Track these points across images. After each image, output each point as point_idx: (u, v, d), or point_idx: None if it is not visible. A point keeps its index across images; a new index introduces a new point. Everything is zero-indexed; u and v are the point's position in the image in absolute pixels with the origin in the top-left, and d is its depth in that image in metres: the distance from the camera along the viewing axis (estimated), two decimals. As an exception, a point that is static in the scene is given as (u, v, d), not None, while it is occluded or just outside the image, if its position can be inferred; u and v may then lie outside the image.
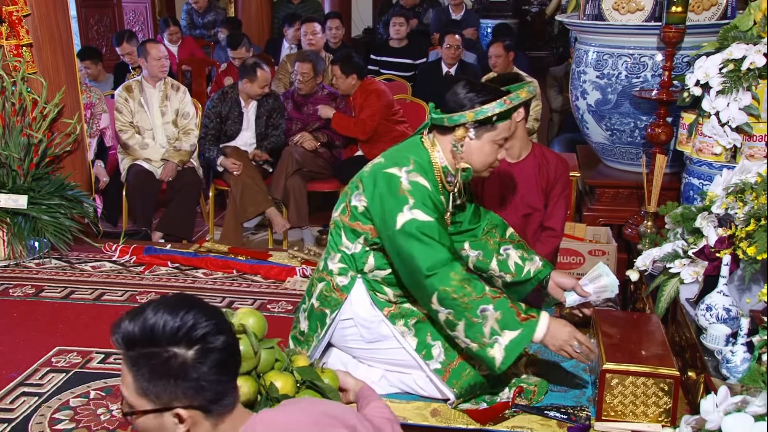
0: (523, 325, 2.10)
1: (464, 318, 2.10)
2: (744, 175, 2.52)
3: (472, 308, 2.09)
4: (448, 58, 5.61)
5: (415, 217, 2.13)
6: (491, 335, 2.09)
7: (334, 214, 2.36)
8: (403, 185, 2.17)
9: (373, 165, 2.28)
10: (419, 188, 2.17)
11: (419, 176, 2.19)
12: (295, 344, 2.44)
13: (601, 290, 2.42)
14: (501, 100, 2.16)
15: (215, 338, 1.33)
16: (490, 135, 2.22)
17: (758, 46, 2.83)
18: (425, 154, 2.27)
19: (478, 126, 2.20)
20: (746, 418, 1.70)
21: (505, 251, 2.51)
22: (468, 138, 2.22)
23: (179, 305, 1.34)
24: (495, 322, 2.09)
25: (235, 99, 4.74)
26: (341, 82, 4.74)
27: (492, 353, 2.10)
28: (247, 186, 4.56)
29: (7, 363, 2.91)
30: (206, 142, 4.68)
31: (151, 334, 1.30)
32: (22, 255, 3.94)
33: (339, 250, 2.32)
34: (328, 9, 8.34)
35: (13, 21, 3.83)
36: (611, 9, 3.75)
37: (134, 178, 4.57)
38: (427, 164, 2.25)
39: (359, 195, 2.26)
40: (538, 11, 10.71)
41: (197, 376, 1.31)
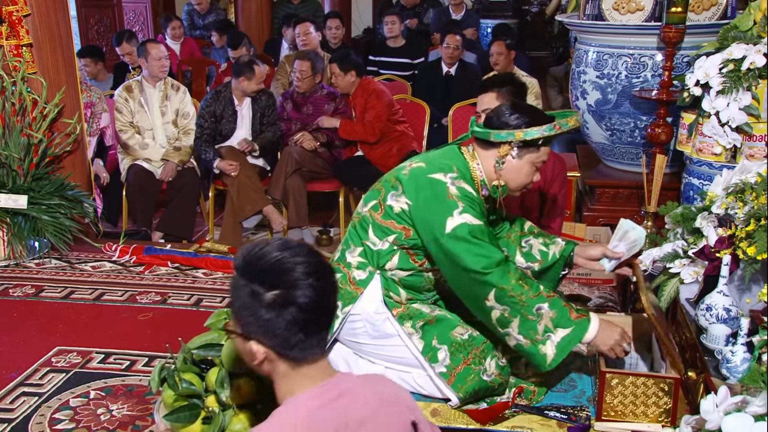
0: (575, 323, 2.14)
1: (520, 315, 2.14)
2: (744, 175, 2.52)
3: (528, 306, 2.12)
4: (447, 58, 5.61)
5: (466, 221, 2.16)
6: (544, 332, 2.13)
7: (362, 209, 2.35)
8: (450, 190, 2.20)
9: (413, 168, 2.29)
10: (466, 193, 2.21)
11: (464, 183, 2.23)
12: None
13: (632, 245, 2.45)
14: (551, 125, 2.21)
15: (301, 294, 1.34)
16: (531, 156, 2.27)
17: (758, 46, 2.84)
18: (466, 164, 2.31)
19: (522, 146, 2.24)
20: (746, 418, 1.70)
21: (527, 242, 2.56)
22: (510, 156, 2.26)
23: (287, 249, 1.37)
24: (549, 320, 2.13)
25: (229, 98, 4.74)
26: (340, 79, 4.73)
27: (544, 350, 2.13)
28: (244, 185, 4.56)
29: (7, 363, 2.91)
30: (202, 142, 4.66)
31: (248, 265, 1.37)
32: (22, 255, 3.94)
33: (362, 244, 2.32)
34: (328, 9, 8.34)
35: (13, 21, 3.83)
36: (611, 9, 3.75)
37: (134, 178, 4.57)
38: (468, 175, 2.29)
39: (397, 196, 2.26)
40: (538, 11, 10.71)
41: (268, 318, 1.34)
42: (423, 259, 2.30)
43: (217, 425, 1.94)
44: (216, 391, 2.00)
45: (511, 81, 3.03)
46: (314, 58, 4.87)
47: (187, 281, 3.71)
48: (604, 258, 2.48)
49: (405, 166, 2.32)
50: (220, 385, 1.99)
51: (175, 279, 3.75)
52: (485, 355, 2.29)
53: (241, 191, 4.55)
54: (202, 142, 4.67)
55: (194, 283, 3.69)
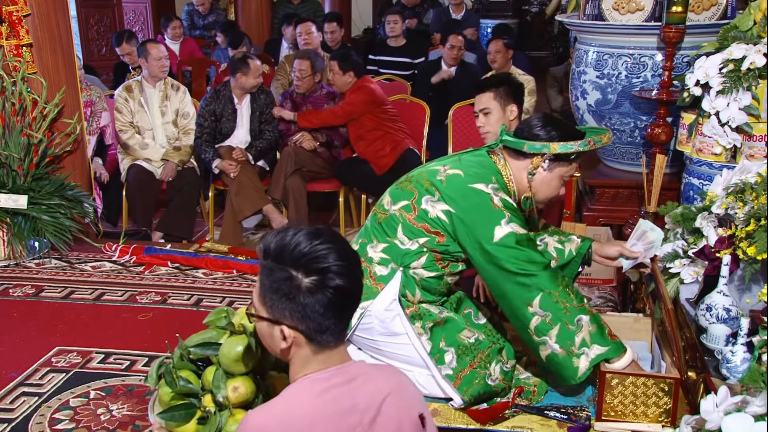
0: (611, 343, 2.16)
1: (561, 323, 2.14)
2: (744, 175, 2.52)
3: (570, 315, 2.13)
4: (449, 58, 5.61)
5: (514, 231, 2.17)
6: (581, 346, 2.14)
7: (391, 206, 2.32)
8: (495, 201, 2.21)
9: (450, 176, 2.28)
10: (508, 205, 2.23)
11: (504, 194, 2.25)
12: None
13: (649, 246, 2.46)
14: (586, 140, 2.23)
15: (335, 277, 1.39)
16: (561, 170, 2.29)
17: (758, 46, 2.83)
18: (500, 174, 2.32)
19: (554, 159, 2.26)
20: (746, 418, 1.70)
21: (542, 241, 2.56)
22: (541, 168, 2.28)
23: (319, 236, 1.41)
24: (588, 334, 2.14)
25: (228, 96, 4.75)
26: (338, 78, 4.73)
27: (577, 363, 2.14)
28: (243, 184, 4.56)
29: (7, 363, 2.91)
30: (202, 142, 4.67)
31: (281, 251, 1.40)
32: (22, 255, 3.94)
33: (387, 241, 2.31)
34: (328, 9, 8.34)
35: (13, 21, 3.83)
36: (611, 9, 3.75)
37: (134, 178, 4.57)
38: (504, 184, 2.31)
39: (434, 202, 2.25)
40: (538, 11, 10.71)
41: (305, 303, 1.39)
42: (447, 263, 2.30)
43: (214, 426, 1.93)
44: (212, 390, 1.99)
45: (508, 81, 3.04)
46: (314, 57, 4.87)
47: (187, 281, 3.71)
48: (622, 257, 2.49)
49: (438, 170, 2.31)
50: (217, 384, 1.98)
51: (175, 279, 3.75)
52: (490, 360, 2.30)
53: (240, 191, 4.56)
54: (203, 141, 4.67)
55: (194, 283, 3.69)
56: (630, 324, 2.57)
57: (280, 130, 4.87)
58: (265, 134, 4.80)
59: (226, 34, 6.66)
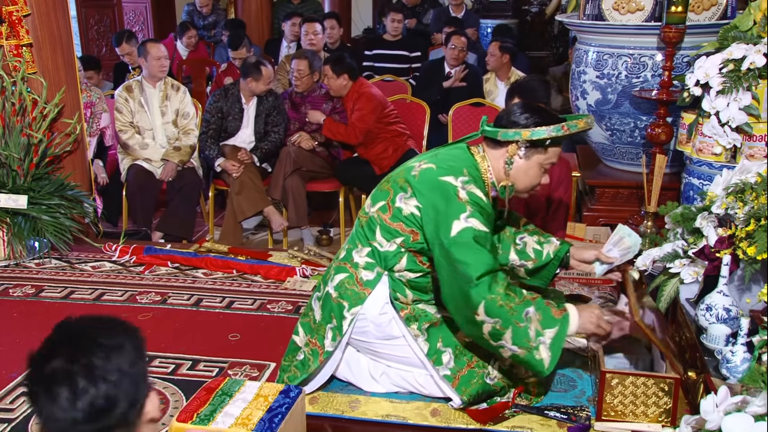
0: (559, 320, 2.13)
1: (511, 325, 2.10)
2: (744, 175, 2.52)
3: (517, 313, 2.10)
4: (452, 59, 5.62)
5: (472, 226, 2.14)
6: (536, 337, 2.11)
7: (370, 209, 2.33)
8: (460, 195, 2.17)
9: (422, 170, 2.25)
10: (475, 199, 2.19)
11: (474, 187, 2.21)
12: (306, 332, 2.42)
13: (625, 252, 2.46)
14: (559, 125, 2.19)
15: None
16: (539, 158, 2.25)
17: (758, 46, 2.84)
18: (476, 165, 2.29)
19: (530, 146, 2.23)
20: (746, 418, 1.70)
21: (522, 240, 2.54)
22: (518, 156, 2.25)
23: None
24: (537, 323, 2.11)
25: (237, 96, 4.76)
26: (332, 81, 4.73)
27: (539, 355, 2.11)
28: (245, 185, 4.56)
29: (7, 363, 2.91)
30: (207, 138, 4.69)
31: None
32: (22, 255, 3.94)
33: (370, 245, 2.31)
34: (328, 9, 8.34)
35: (13, 21, 3.83)
36: (611, 9, 3.75)
37: (134, 177, 4.57)
38: (478, 177, 2.27)
39: (407, 198, 2.24)
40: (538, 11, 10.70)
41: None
42: (429, 262, 2.28)
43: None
44: None
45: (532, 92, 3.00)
46: (311, 56, 4.87)
47: (187, 281, 3.71)
48: (597, 261, 2.48)
49: (414, 166, 2.29)
50: None
51: (175, 279, 3.75)
52: (489, 359, 2.29)
53: (242, 191, 4.56)
54: (208, 137, 4.69)
55: (194, 283, 3.69)
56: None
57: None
58: (271, 136, 4.80)
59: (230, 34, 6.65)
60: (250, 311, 3.36)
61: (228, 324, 3.23)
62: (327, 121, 4.74)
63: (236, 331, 3.16)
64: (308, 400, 2.39)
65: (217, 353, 2.96)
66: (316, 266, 3.78)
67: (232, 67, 5.77)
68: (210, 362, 2.90)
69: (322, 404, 2.41)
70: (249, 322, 3.25)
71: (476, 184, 2.22)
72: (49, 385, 1.15)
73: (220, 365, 2.87)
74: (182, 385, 2.72)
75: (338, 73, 4.69)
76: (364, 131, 4.66)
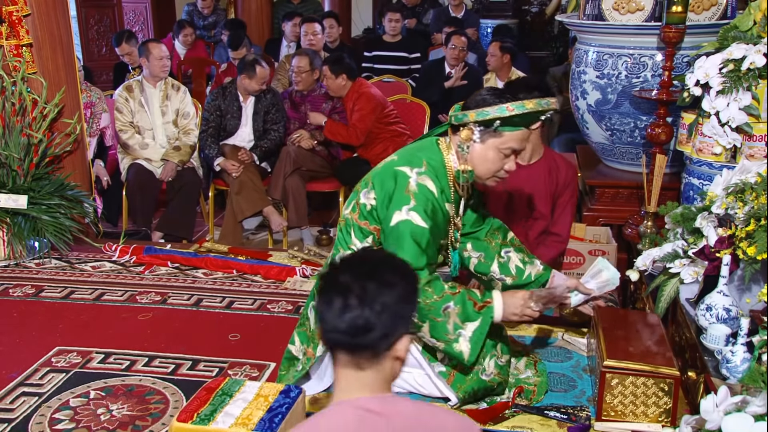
0: (481, 313, 2.14)
1: (428, 320, 2.13)
2: (744, 175, 2.52)
3: (434, 309, 2.12)
4: (452, 59, 5.61)
5: (411, 219, 2.13)
6: (455, 330, 2.13)
7: (345, 212, 2.35)
8: (410, 185, 2.16)
9: (385, 163, 2.28)
10: (425, 192, 2.17)
11: (428, 179, 2.18)
12: (302, 341, 2.43)
13: (603, 285, 2.44)
14: (503, 105, 2.11)
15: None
16: (494, 141, 2.19)
17: (758, 46, 2.83)
18: (439, 156, 2.26)
19: (484, 130, 2.17)
20: (746, 418, 1.70)
21: (506, 254, 2.52)
22: (473, 141, 2.20)
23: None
24: (456, 317, 2.12)
25: (234, 94, 4.76)
26: (331, 82, 4.74)
27: (458, 347, 2.13)
28: (244, 184, 4.56)
29: (7, 363, 2.91)
30: (207, 136, 4.70)
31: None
32: (22, 255, 3.94)
33: (349, 248, 2.31)
34: (328, 9, 8.33)
35: (13, 21, 3.83)
36: (611, 9, 3.74)
37: (134, 177, 4.58)
38: (440, 167, 2.24)
39: (368, 193, 2.26)
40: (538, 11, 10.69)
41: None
42: None
43: None
44: None
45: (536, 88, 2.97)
46: (312, 55, 4.88)
47: (187, 281, 3.71)
48: (575, 291, 2.46)
49: (382, 162, 2.32)
50: None
51: (175, 279, 3.75)
52: (484, 355, 2.29)
53: (241, 190, 4.56)
54: (208, 135, 4.70)
55: (194, 283, 3.69)
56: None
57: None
58: (270, 134, 4.80)
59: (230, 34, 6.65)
60: (250, 311, 3.36)
61: (228, 324, 3.23)
62: (328, 123, 4.74)
63: (236, 331, 3.16)
64: (308, 400, 2.39)
65: (217, 353, 2.96)
66: (316, 266, 3.78)
67: (232, 67, 5.77)
68: (210, 362, 2.90)
69: (323, 404, 2.41)
70: (249, 322, 3.25)
71: (434, 175, 2.20)
72: (331, 292, 1.36)
73: (220, 365, 2.87)
74: (182, 385, 2.72)
75: (336, 73, 4.70)
76: (365, 132, 4.66)
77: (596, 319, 2.47)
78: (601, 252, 3.60)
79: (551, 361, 2.69)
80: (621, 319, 2.58)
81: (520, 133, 2.18)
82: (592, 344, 2.58)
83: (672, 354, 2.26)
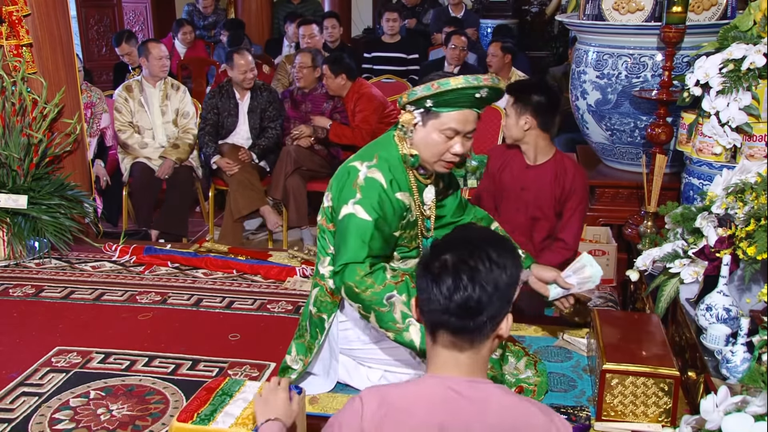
0: None
1: (372, 311, 2.12)
2: (744, 175, 2.52)
3: (377, 299, 2.11)
4: (452, 59, 5.61)
5: (354, 212, 2.14)
6: (404, 319, 2.11)
7: (318, 219, 2.35)
8: (358, 179, 2.17)
9: (344, 163, 2.29)
10: (372, 185, 2.16)
11: (378, 171, 2.17)
12: (299, 352, 2.43)
13: (584, 281, 2.43)
14: (429, 84, 2.08)
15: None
16: (434, 123, 2.14)
17: (758, 46, 2.83)
18: (394, 148, 2.24)
19: (423, 112, 2.14)
20: (746, 418, 1.70)
21: None
22: (416, 124, 2.18)
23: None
24: (403, 306, 2.11)
25: (231, 92, 4.78)
26: (330, 81, 4.76)
27: (409, 336, 2.11)
28: (241, 183, 4.57)
29: (7, 363, 2.91)
30: (205, 134, 4.71)
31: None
32: (22, 255, 3.94)
33: (327, 254, 2.32)
34: (328, 9, 8.34)
35: (13, 21, 3.83)
36: (611, 9, 3.75)
37: (139, 175, 4.59)
38: (395, 159, 2.23)
39: (327, 194, 2.27)
40: (538, 11, 10.69)
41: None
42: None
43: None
44: None
45: (524, 91, 2.93)
46: (315, 53, 4.90)
47: (187, 281, 3.71)
48: (555, 284, 2.45)
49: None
50: None
51: (175, 279, 3.75)
52: None
53: (237, 189, 4.56)
54: (205, 134, 4.72)
55: (194, 283, 3.69)
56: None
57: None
58: (268, 132, 4.81)
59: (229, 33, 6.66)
60: (250, 311, 3.36)
61: (228, 324, 3.23)
62: (333, 126, 4.75)
63: (236, 331, 3.16)
64: (308, 400, 2.39)
65: (217, 353, 2.96)
66: (316, 266, 3.78)
67: (233, 68, 5.76)
68: (210, 362, 2.90)
69: (323, 404, 2.41)
70: (249, 322, 3.25)
71: (386, 167, 2.18)
72: (440, 271, 1.33)
73: (220, 365, 2.87)
74: (182, 385, 2.72)
75: (336, 73, 4.71)
76: (371, 132, 4.67)
77: (596, 319, 2.47)
78: (601, 252, 3.60)
79: (551, 361, 2.69)
80: (621, 319, 2.58)
81: (459, 114, 2.12)
82: (592, 344, 2.58)
83: (672, 354, 2.26)
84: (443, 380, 1.37)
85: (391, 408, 1.37)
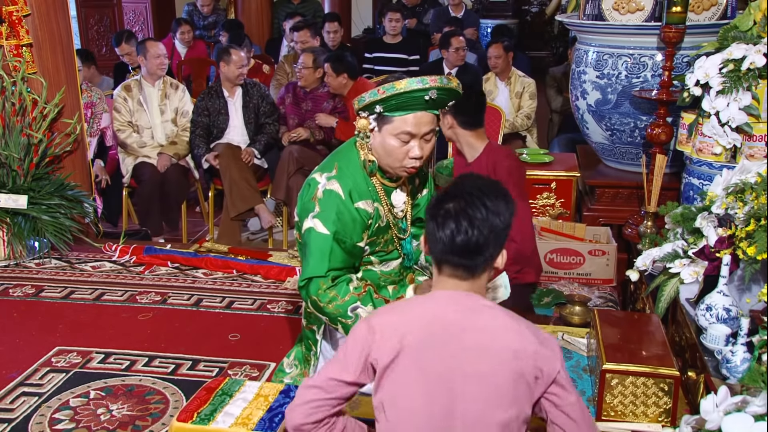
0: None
1: (339, 322, 2.12)
2: (744, 175, 2.52)
3: (342, 311, 2.10)
4: (452, 59, 5.60)
5: (314, 227, 2.12)
6: None
7: (295, 232, 2.33)
8: (317, 192, 2.14)
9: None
10: (330, 197, 2.13)
11: (336, 183, 2.14)
12: (296, 358, 2.42)
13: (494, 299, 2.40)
14: (375, 89, 2.06)
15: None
16: (388, 128, 2.11)
17: (758, 46, 2.83)
18: (355, 155, 2.21)
19: (377, 117, 2.11)
20: (746, 418, 1.70)
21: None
22: (372, 130, 2.14)
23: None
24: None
25: (219, 91, 4.78)
26: (332, 79, 4.76)
27: None
28: (236, 182, 4.57)
29: (7, 363, 2.91)
30: (196, 137, 4.72)
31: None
32: (22, 255, 3.94)
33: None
34: (328, 9, 8.34)
35: (13, 21, 3.83)
36: (611, 9, 3.75)
37: (149, 177, 4.58)
38: (356, 167, 2.19)
39: (296, 209, 2.26)
40: (538, 11, 10.71)
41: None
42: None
43: None
44: None
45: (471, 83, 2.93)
46: (318, 53, 4.90)
47: (187, 281, 3.71)
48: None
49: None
50: None
51: (175, 279, 3.75)
52: None
53: (233, 188, 4.56)
54: (196, 136, 4.72)
55: (194, 283, 3.69)
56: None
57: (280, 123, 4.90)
58: (266, 128, 4.82)
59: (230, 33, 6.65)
60: (250, 311, 3.36)
61: (228, 324, 3.23)
62: (340, 123, 4.76)
63: (236, 331, 3.16)
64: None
65: (217, 353, 2.96)
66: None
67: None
68: (210, 362, 2.90)
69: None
70: (249, 322, 3.25)
71: (346, 177, 2.16)
72: (444, 217, 1.55)
73: (220, 365, 2.87)
74: (182, 385, 2.72)
75: (338, 72, 4.72)
76: None
77: (596, 319, 2.47)
78: (601, 252, 3.60)
79: (551, 361, 2.68)
80: (621, 319, 2.58)
81: (412, 117, 2.08)
82: (592, 344, 2.58)
83: (672, 354, 2.26)
84: (447, 292, 1.61)
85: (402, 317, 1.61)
